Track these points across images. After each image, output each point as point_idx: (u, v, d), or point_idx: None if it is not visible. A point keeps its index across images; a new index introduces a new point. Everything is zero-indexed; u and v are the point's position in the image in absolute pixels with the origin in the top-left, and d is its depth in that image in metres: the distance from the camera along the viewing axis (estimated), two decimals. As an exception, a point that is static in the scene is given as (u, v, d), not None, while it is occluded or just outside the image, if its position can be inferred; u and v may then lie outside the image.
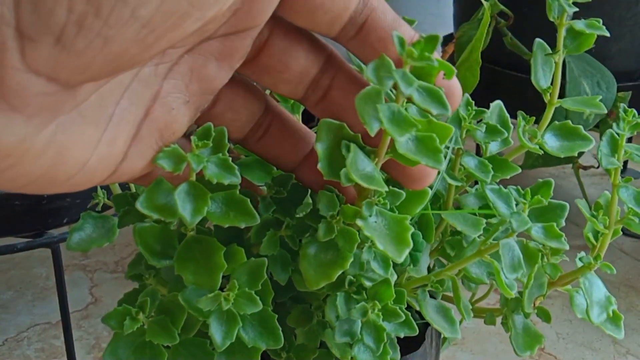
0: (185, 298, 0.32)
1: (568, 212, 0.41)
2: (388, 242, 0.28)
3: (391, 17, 0.27)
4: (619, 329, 0.41)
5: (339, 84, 0.29)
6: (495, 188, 0.36)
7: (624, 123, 0.39)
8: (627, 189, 0.40)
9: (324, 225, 0.30)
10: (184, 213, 0.28)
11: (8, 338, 0.99)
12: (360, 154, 0.28)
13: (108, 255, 1.18)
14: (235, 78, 0.29)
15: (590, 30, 0.37)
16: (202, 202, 0.29)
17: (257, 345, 0.33)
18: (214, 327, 0.31)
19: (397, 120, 0.26)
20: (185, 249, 0.31)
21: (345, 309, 0.33)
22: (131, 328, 0.32)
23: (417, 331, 0.36)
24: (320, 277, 0.29)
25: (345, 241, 0.29)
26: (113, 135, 0.25)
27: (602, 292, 0.40)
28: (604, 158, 0.39)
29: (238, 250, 0.32)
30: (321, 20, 0.26)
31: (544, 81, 0.40)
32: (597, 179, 1.43)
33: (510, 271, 0.34)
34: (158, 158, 0.28)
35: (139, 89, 0.25)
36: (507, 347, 0.97)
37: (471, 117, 0.39)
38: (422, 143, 0.27)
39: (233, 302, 0.31)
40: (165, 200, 0.29)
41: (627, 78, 1.14)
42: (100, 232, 0.42)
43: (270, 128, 0.32)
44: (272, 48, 0.28)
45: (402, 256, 0.28)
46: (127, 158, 0.26)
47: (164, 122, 0.27)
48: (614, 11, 1.08)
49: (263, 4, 0.24)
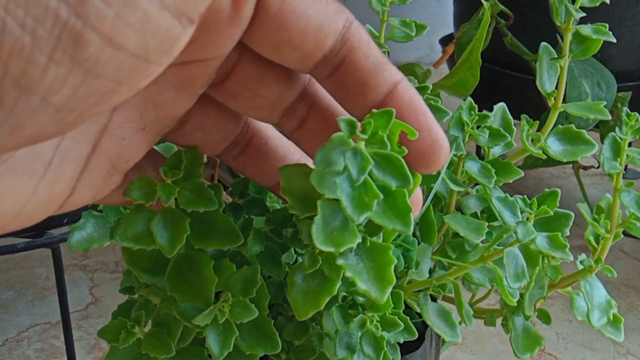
0: (180, 312, 0.31)
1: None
2: (369, 280, 0.26)
3: (374, 60, 0.24)
4: (619, 332, 0.41)
5: (315, 114, 0.27)
6: (501, 197, 0.36)
7: (627, 127, 0.39)
8: (629, 193, 0.39)
9: (307, 256, 0.28)
10: (162, 242, 0.27)
11: (8, 338, 0.98)
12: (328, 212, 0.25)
13: (108, 255, 1.18)
14: (206, 97, 0.26)
15: (597, 35, 0.37)
16: (180, 229, 0.28)
17: (255, 352, 0.32)
18: (211, 338, 0.31)
19: (357, 196, 0.23)
20: (175, 269, 0.31)
21: (343, 322, 0.33)
22: (127, 342, 0.32)
23: (416, 335, 0.36)
24: (309, 306, 0.28)
25: (331, 269, 0.28)
26: (53, 178, 0.23)
27: (603, 295, 0.40)
28: (606, 162, 0.39)
29: (228, 265, 0.32)
30: (289, 57, 0.23)
31: (549, 85, 0.40)
32: (597, 179, 1.43)
33: (514, 280, 0.34)
34: (129, 190, 0.27)
35: (83, 127, 0.23)
36: (507, 347, 0.97)
37: (474, 122, 0.38)
38: (389, 204, 0.24)
39: (229, 312, 0.31)
40: (144, 229, 0.28)
41: (627, 78, 1.14)
42: (101, 232, 0.42)
43: (249, 146, 0.29)
44: (241, 74, 0.25)
45: (384, 297, 0.26)
46: (75, 192, 0.24)
47: (115, 153, 0.25)
48: (614, 11, 1.08)
49: (222, 37, 0.22)
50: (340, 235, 0.24)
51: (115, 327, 0.33)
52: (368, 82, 0.24)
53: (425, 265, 0.41)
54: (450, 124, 0.39)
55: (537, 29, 0.96)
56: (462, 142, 0.38)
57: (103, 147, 0.24)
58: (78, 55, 0.17)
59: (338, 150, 0.22)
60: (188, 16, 0.19)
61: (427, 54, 1.73)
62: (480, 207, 0.43)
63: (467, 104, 0.39)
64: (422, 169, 0.25)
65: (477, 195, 0.43)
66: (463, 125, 0.39)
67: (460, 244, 0.43)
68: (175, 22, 0.18)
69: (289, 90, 0.26)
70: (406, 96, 0.24)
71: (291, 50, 0.23)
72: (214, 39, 0.22)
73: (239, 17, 0.21)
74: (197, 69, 0.23)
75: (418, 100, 0.24)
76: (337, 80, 0.24)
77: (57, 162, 0.23)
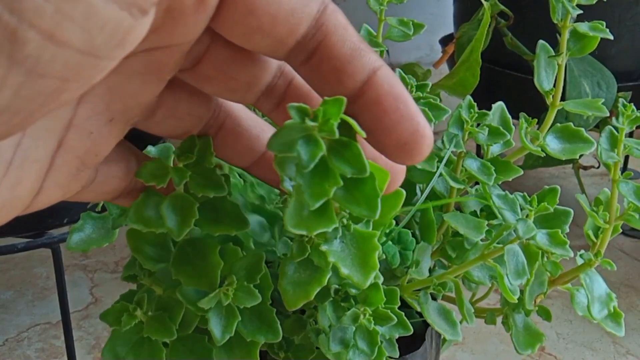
0: (183, 294, 0.32)
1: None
2: (353, 266, 0.27)
3: (351, 45, 0.23)
4: (620, 327, 0.41)
5: (293, 93, 0.26)
6: (501, 194, 0.36)
7: (623, 117, 0.39)
8: (627, 184, 0.40)
9: (296, 244, 0.29)
10: (171, 226, 0.28)
11: (8, 338, 0.99)
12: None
13: (108, 255, 1.18)
14: (177, 82, 0.25)
15: (594, 32, 0.37)
16: (189, 213, 0.28)
17: (256, 339, 0.33)
18: (213, 321, 0.31)
19: (317, 182, 0.22)
20: (180, 253, 0.31)
21: (335, 316, 0.33)
22: (129, 324, 0.33)
23: (411, 330, 0.36)
24: (299, 296, 0.28)
25: (320, 258, 0.28)
26: (16, 178, 0.22)
27: (603, 288, 0.40)
28: (603, 153, 0.39)
29: (233, 249, 0.32)
30: (260, 44, 0.22)
31: (547, 83, 0.40)
32: (597, 179, 1.43)
33: (515, 277, 0.34)
34: (140, 172, 0.27)
35: (46, 124, 0.22)
36: (507, 347, 0.97)
37: (473, 119, 0.38)
38: (358, 189, 0.24)
39: (232, 297, 0.31)
40: (153, 213, 0.29)
41: (627, 78, 1.14)
42: (100, 233, 0.42)
43: (222, 129, 0.28)
44: (214, 57, 0.24)
45: (367, 282, 0.26)
46: (43, 191, 0.23)
47: (83, 148, 0.24)
48: (614, 11, 1.08)
49: (187, 24, 0.20)
50: (316, 219, 0.24)
51: (117, 310, 0.33)
52: (345, 68, 0.22)
53: (425, 264, 0.41)
54: (449, 122, 0.39)
55: (537, 29, 0.96)
56: (461, 139, 0.38)
57: (69, 143, 0.23)
58: (16, 54, 0.16)
59: (293, 136, 0.22)
60: (140, 7, 0.18)
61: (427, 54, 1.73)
62: (479, 205, 0.43)
63: (467, 102, 0.39)
64: (404, 159, 0.24)
65: (477, 194, 0.44)
66: (462, 122, 0.39)
67: (460, 243, 0.43)
68: (124, 14, 0.17)
69: (264, 72, 0.25)
70: (386, 83, 0.23)
71: (262, 37, 0.22)
72: (179, 26, 0.21)
73: (204, 4, 0.20)
74: (163, 55, 0.22)
75: (399, 88, 0.23)
76: (313, 67, 0.23)
77: (19, 161, 0.22)
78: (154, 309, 0.34)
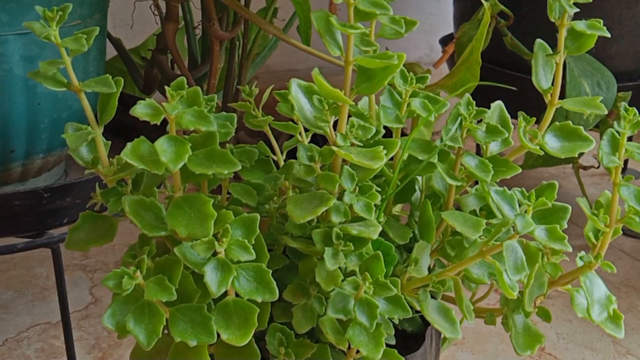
0: (180, 251, 0.33)
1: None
2: (362, 156, 0.30)
3: None
4: (619, 328, 0.41)
5: None
6: (499, 190, 0.37)
7: (625, 121, 0.39)
8: (628, 188, 0.40)
9: (304, 168, 0.32)
10: (164, 159, 0.30)
11: (8, 338, 0.98)
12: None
13: (108, 255, 1.18)
14: None
15: (591, 31, 0.37)
16: (182, 148, 0.31)
17: (254, 297, 0.34)
18: (208, 274, 0.33)
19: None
20: (176, 207, 0.33)
21: (333, 261, 0.34)
22: (129, 285, 0.33)
23: (410, 313, 0.37)
24: (306, 214, 0.31)
25: (327, 182, 0.31)
26: None
27: (603, 290, 0.40)
28: (605, 156, 0.39)
29: (226, 213, 0.34)
30: None
31: (545, 82, 0.40)
32: (597, 179, 1.43)
33: (514, 273, 0.34)
34: (135, 109, 0.30)
35: None
36: (507, 347, 0.97)
37: (472, 116, 0.38)
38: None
39: (226, 250, 0.33)
40: (148, 152, 0.31)
41: (627, 78, 1.14)
42: (99, 232, 0.42)
43: None
44: None
45: (377, 164, 0.30)
46: None
47: None
48: (614, 11, 1.08)
49: None
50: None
51: (118, 274, 0.34)
52: None
53: (424, 262, 0.41)
54: (448, 119, 0.39)
55: (537, 29, 0.96)
56: (459, 135, 0.38)
57: None
58: None
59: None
60: None
61: (427, 54, 1.73)
62: (478, 205, 0.43)
63: (465, 99, 0.39)
64: None
65: (476, 193, 0.44)
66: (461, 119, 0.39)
67: (459, 241, 0.43)
68: None
69: None
70: None
71: None
72: None
73: None
74: None
75: None
76: None
77: None
78: (153, 273, 0.35)
